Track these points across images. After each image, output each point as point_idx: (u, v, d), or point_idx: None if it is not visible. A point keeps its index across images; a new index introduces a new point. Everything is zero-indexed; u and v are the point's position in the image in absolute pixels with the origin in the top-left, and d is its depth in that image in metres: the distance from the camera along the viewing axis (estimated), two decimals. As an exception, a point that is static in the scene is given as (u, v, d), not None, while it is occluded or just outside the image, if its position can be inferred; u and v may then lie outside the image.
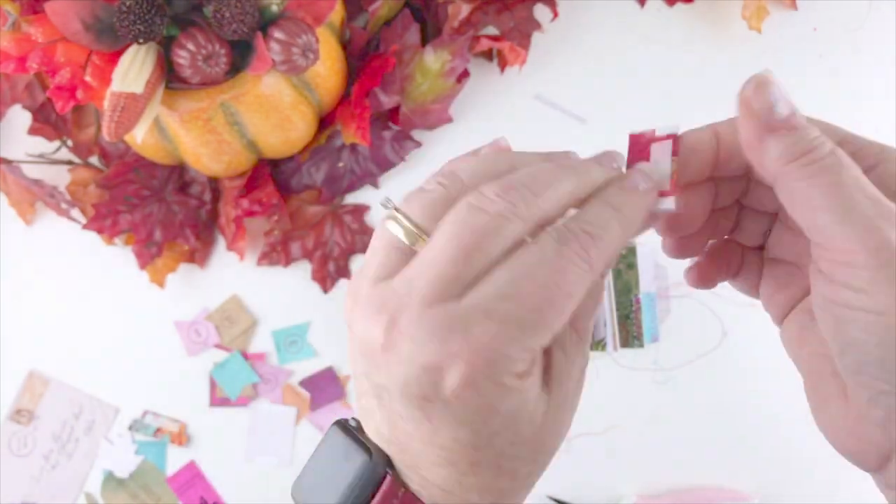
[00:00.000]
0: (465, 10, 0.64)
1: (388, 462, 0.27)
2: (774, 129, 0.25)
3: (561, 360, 0.27)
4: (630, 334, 0.62)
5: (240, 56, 0.56)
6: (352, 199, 0.66)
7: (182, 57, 0.53)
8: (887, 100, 0.65)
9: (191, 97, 0.57)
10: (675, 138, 0.28)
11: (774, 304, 0.31)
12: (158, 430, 0.64)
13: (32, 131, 0.67)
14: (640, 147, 0.29)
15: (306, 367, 0.64)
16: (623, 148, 0.31)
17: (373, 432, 0.28)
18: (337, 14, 0.63)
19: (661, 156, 0.28)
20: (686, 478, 0.60)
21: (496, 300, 0.24)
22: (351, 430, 0.29)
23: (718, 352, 0.60)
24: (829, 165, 0.24)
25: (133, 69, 0.53)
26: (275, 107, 0.59)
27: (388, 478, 0.27)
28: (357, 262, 0.65)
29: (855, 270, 0.23)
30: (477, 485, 0.26)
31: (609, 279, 0.62)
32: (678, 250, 0.32)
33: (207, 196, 0.66)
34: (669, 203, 0.28)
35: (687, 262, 0.33)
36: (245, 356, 0.64)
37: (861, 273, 0.23)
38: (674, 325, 0.62)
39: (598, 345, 0.62)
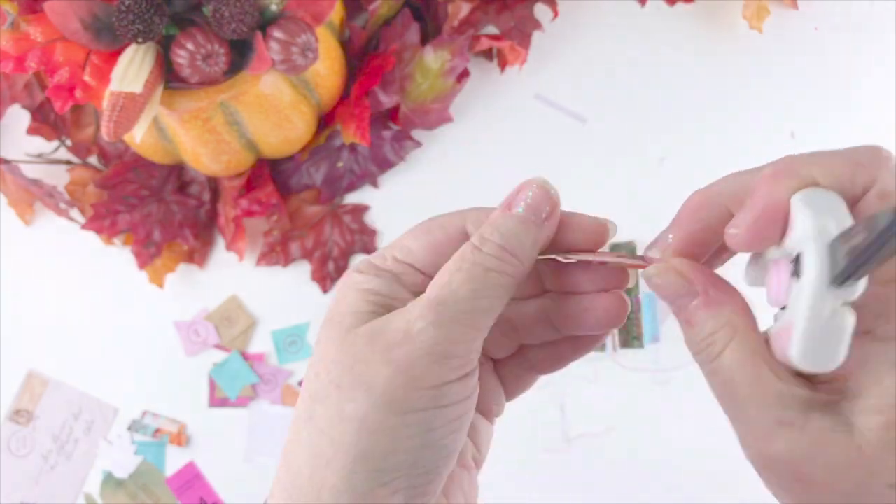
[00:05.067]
0: (465, 9, 0.64)
1: None
2: (683, 319, 0.26)
3: None
4: (630, 334, 0.62)
5: (239, 56, 0.56)
6: (351, 198, 0.66)
7: (181, 56, 0.53)
8: (888, 100, 0.65)
9: (190, 97, 0.56)
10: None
11: None
12: (158, 430, 0.63)
13: (31, 131, 0.67)
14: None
15: (306, 368, 0.64)
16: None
17: None
18: (336, 13, 0.63)
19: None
20: (687, 478, 0.60)
21: None
22: None
23: (719, 352, 0.60)
24: (715, 370, 0.25)
25: (132, 69, 0.53)
26: (274, 106, 0.59)
27: None
28: (356, 262, 0.65)
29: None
30: None
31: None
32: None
33: (206, 196, 0.65)
34: None
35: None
36: (244, 356, 0.64)
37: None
38: (674, 325, 0.61)
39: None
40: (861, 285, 0.23)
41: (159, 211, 0.64)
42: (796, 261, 0.24)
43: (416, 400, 0.24)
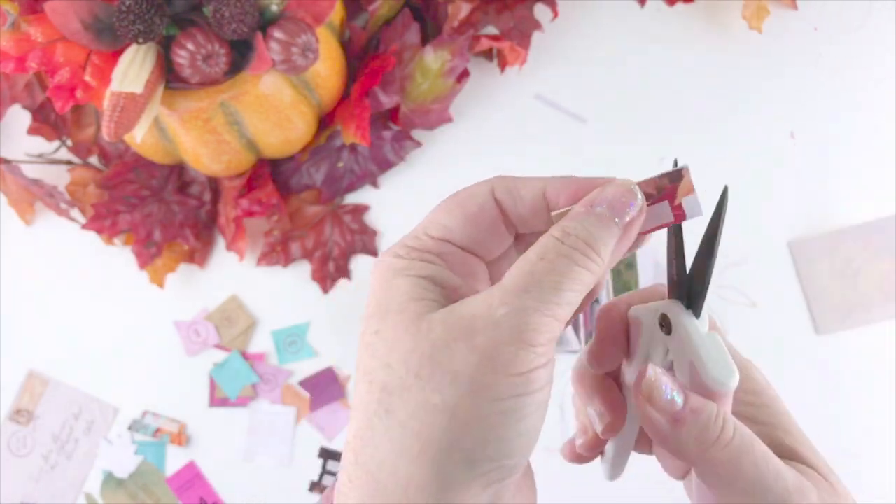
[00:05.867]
0: (465, 9, 0.64)
1: None
2: (680, 419, 0.26)
3: None
4: (630, 334, 0.61)
5: (239, 56, 0.56)
6: (351, 198, 0.66)
7: (182, 57, 0.53)
8: (887, 100, 0.65)
9: (190, 97, 0.56)
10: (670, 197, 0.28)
11: (671, 465, 0.32)
12: (158, 430, 0.64)
13: (32, 131, 0.67)
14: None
15: (306, 367, 0.64)
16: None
17: None
18: (337, 14, 0.63)
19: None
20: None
21: None
22: None
23: (718, 352, 0.60)
24: (738, 445, 0.26)
25: (133, 69, 0.53)
26: (274, 107, 0.59)
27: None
28: (357, 262, 0.65)
29: None
30: None
31: (608, 279, 0.62)
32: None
33: (207, 196, 0.65)
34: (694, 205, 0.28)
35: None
36: (244, 356, 0.64)
37: None
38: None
39: (598, 345, 0.62)
40: (705, 316, 0.29)
41: (160, 211, 0.64)
42: (663, 321, 0.29)
43: (506, 387, 0.23)
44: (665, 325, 0.29)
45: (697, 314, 0.28)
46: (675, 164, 0.28)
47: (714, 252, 0.27)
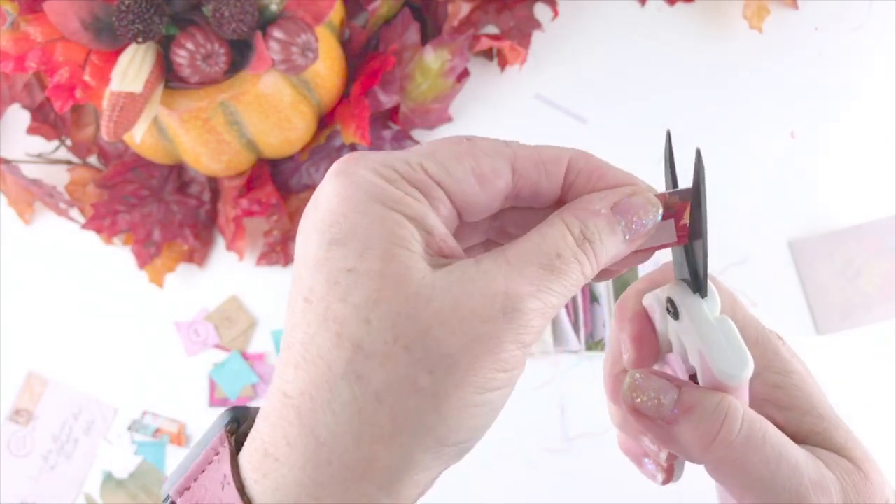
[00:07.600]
0: (465, 9, 0.64)
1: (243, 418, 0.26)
2: (672, 421, 0.25)
3: None
4: (630, 334, 0.61)
5: (239, 55, 0.56)
6: (351, 198, 0.66)
7: (181, 56, 0.53)
8: (888, 100, 0.65)
9: (190, 97, 0.56)
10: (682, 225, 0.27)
11: None
12: (157, 430, 0.63)
13: (31, 131, 0.67)
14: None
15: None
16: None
17: None
18: (336, 13, 0.63)
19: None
20: (687, 478, 0.60)
21: None
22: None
23: (719, 352, 0.60)
24: (744, 442, 0.25)
25: (132, 68, 0.53)
26: (274, 106, 0.59)
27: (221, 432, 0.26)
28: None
29: None
30: None
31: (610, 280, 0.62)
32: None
33: (206, 196, 0.65)
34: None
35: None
36: (244, 356, 0.64)
37: None
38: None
39: (598, 345, 0.62)
40: (714, 295, 0.26)
41: (159, 211, 0.64)
42: (670, 306, 0.27)
43: (496, 381, 0.23)
44: (672, 310, 0.27)
45: (704, 294, 0.26)
46: (669, 135, 0.27)
47: (703, 222, 0.25)
